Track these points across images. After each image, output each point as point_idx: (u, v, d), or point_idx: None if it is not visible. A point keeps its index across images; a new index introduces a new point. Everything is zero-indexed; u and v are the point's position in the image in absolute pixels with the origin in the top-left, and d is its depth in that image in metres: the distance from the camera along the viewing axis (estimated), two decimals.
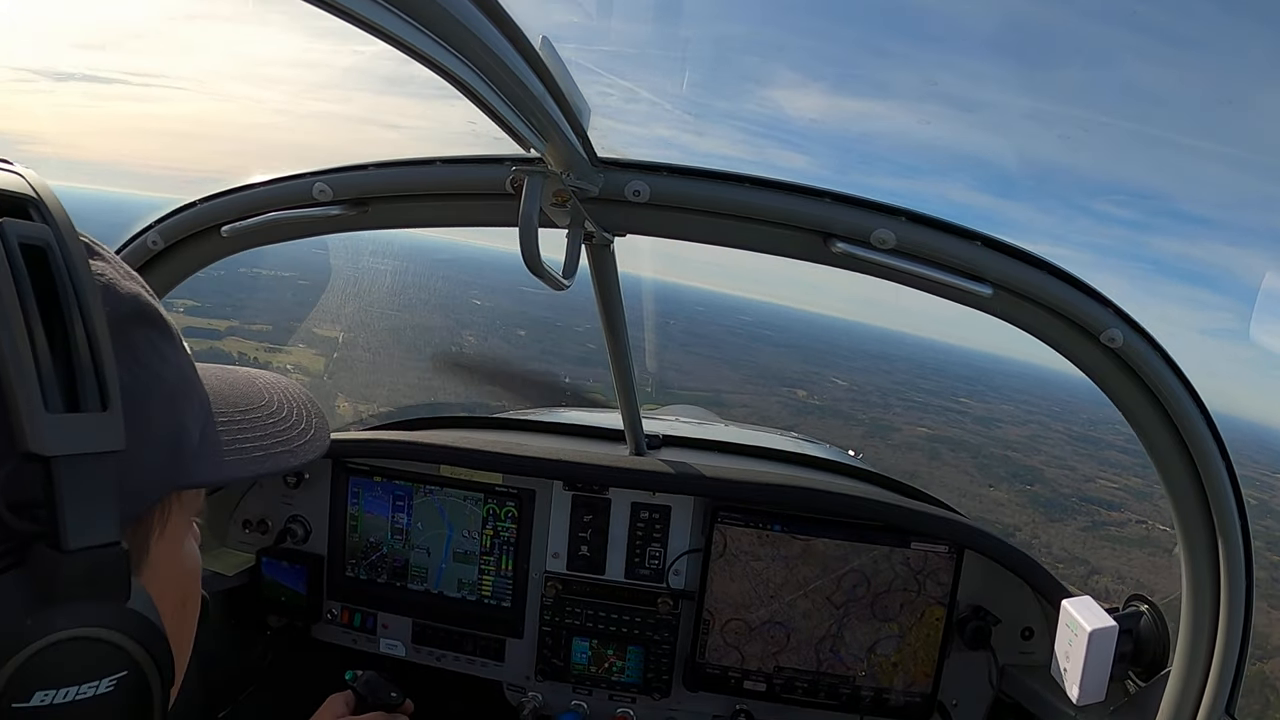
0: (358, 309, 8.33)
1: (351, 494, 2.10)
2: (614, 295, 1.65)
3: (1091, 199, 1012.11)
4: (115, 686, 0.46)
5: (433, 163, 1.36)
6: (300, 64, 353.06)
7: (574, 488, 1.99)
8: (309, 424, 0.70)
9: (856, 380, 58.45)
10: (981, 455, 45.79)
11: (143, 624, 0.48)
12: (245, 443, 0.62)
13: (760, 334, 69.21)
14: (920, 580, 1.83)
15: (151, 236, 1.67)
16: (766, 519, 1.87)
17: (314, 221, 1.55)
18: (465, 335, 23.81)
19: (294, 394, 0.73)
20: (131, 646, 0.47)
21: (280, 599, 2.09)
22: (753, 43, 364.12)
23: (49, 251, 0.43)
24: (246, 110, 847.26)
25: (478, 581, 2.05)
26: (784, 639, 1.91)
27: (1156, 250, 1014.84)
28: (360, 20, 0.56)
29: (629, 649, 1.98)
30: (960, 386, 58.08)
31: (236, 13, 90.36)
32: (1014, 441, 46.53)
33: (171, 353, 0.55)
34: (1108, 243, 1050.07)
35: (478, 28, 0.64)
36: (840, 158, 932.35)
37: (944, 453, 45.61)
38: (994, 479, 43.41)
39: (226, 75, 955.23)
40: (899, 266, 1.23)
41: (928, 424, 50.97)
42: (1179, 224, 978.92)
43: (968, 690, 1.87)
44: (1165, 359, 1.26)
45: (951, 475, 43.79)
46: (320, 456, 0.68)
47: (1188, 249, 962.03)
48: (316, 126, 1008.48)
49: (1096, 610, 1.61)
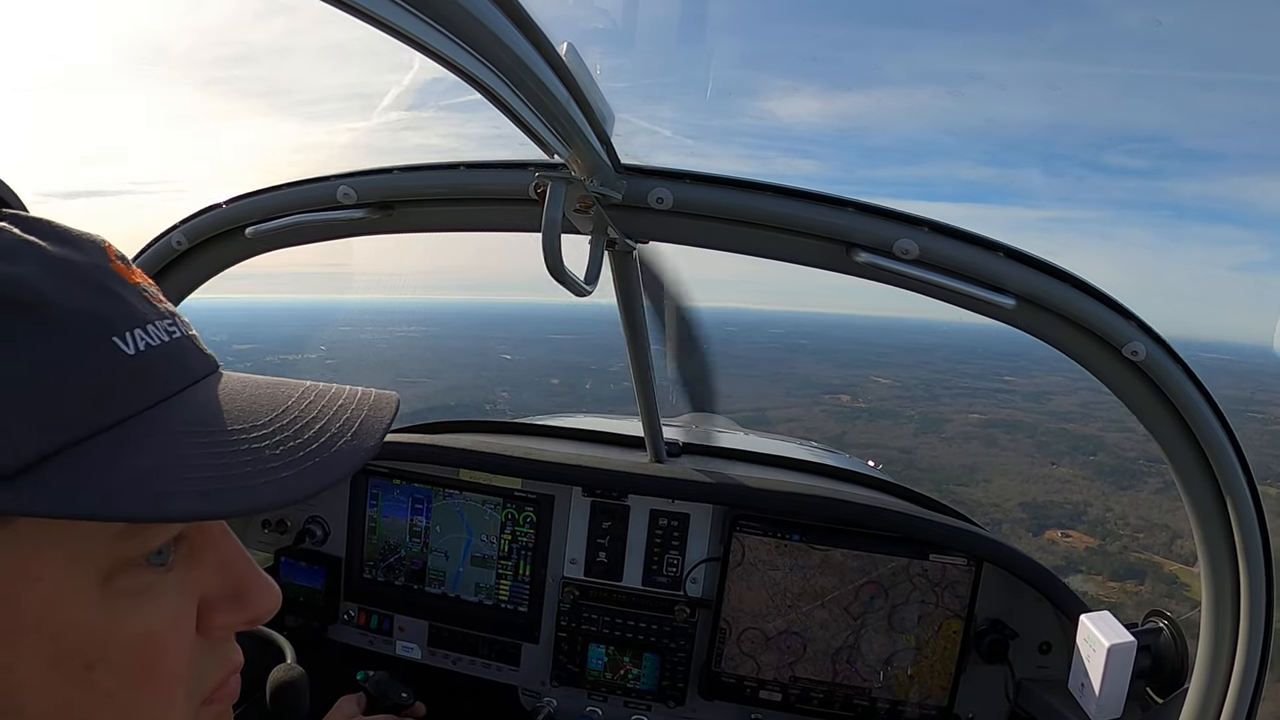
0: (392, 379, 8.38)
1: (371, 496, 2.11)
2: (636, 302, 1.67)
3: (1100, 153, 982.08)
4: None
5: (456, 167, 1.38)
6: (303, 148, 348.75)
7: (593, 494, 2.00)
8: (338, 434, 0.56)
9: (899, 376, 57.64)
10: (1038, 433, 44.95)
11: None
12: (197, 466, 0.49)
13: (795, 344, 68.65)
14: (938, 593, 1.83)
15: (176, 237, 1.69)
16: (785, 528, 1.88)
17: (338, 224, 1.56)
18: (499, 393, 23.84)
19: (361, 399, 0.61)
20: None
21: (297, 599, 2.10)
22: (738, 57, 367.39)
23: None
24: None
25: (495, 586, 2.06)
26: (800, 649, 1.91)
27: (1174, 195, 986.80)
28: (390, 27, 0.57)
29: (645, 656, 1.98)
30: (1003, 365, 56.99)
31: (223, 110, 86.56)
32: (1067, 412, 45.85)
33: (29, 343, 0.45)
34: (1124, 195, 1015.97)
35: (504, 34, 0.65)
36: (844, 155, 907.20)
37: (1000, 437, 44.91)
38: (1055, 455, 42.52)
39: (239, 167, 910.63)
40: (921, 277, 1.23)
41: (978, 410, 50.05)
42: (1191, 163, 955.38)
43: (984, 704, 1.87)
44: (1186, 372, 1.27)
45: (1012, 460, 42.96)
46: (335, 481, 0.53)
47: (1204, 187, 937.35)
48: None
49: (1115, 625, 1.61)
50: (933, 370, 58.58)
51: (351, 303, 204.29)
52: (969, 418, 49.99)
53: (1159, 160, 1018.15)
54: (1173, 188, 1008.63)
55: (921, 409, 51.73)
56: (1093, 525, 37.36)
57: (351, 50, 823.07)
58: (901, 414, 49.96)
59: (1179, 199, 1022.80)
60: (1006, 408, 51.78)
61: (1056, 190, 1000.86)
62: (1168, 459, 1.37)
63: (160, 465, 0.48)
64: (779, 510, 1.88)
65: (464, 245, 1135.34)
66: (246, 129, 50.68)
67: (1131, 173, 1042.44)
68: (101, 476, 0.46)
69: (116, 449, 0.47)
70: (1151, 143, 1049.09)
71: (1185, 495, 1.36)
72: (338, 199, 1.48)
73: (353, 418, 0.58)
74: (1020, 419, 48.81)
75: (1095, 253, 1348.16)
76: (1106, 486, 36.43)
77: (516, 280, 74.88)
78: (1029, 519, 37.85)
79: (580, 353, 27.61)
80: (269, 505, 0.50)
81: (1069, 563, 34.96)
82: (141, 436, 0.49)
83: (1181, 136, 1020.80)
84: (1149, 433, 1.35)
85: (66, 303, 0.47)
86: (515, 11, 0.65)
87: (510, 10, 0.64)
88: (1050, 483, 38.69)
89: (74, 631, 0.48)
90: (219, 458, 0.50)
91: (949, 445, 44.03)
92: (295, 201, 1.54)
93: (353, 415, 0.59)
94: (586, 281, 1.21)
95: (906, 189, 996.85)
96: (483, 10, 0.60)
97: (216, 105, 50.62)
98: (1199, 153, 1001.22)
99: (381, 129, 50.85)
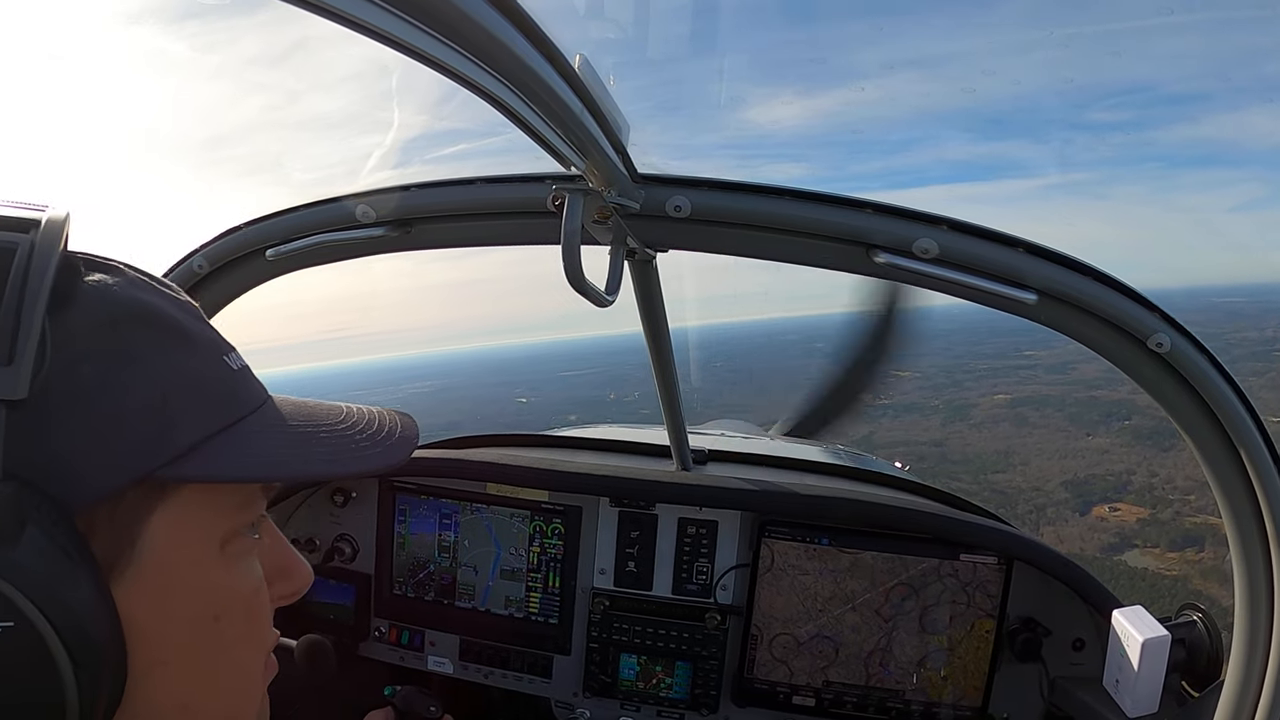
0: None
1: (399, 512, 2.12)
2: (658, 311, 1.68)
3: (1083, 112, 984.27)
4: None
5: (474, 182, 1.39)
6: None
7: (620, 504, 2.01)
8: (373, 440, 0.70)
9: (918, 367, 56.97)
10: (1067, 405, 43.86)
11: (29, 575, 0.48)
12: (276, 448, 0.64)
13: (811, 348, 68.17)
14: (969, 592, 1.84)
15: (197, 261, 1.71)
16: (814, 533, 1.89)
17: (358, 243, 1.57)
18: None
19: (390, 415, 0.75)
20: (14, 595, 0.47)
21: (328, 617, 2.11)
22: (713, 72, 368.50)
23: (14, 255, 0.51)
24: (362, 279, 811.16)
25: (525, 598, 2.07)
26: (833, 653, 1.91)
27: (1162, 144, 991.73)
28: (404, 46, 0.58)
29: (677, 665, 1.99)
30: (1021, 340, 56.13)
31: (210, 195, 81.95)
32: (1093, 380, 45.10)
33: (178, 355, 0.59)
34: (1113, 152, 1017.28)
35: (518, 49, 0.65)
36: (831, 154, 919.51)
37: (1030, 415, 43.88)
38: (1089, 426, 41.42)
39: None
40: (942, 276, 1.23)
41: (1003, 390, 49.05)
42: (1175, 109, 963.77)
43: (1019, 703, 1.87)
44: (1213, 361, 1.27)
45: (1046, 437, 41.89)
46: (369, 471, 0.71)
47: (1191, 132, 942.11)
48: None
49: (1148, 620, 1.61)
50: (951, 356, 57.64)
51: (360, 365, 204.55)
52: (995, 399, 49.08)
53: (1143, 110, 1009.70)
54: (1160, 137, 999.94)
55: (946, 397, 50.81)
56: (1140, 494, 36.10)
57: (331, 119, 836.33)
58: (926, 405, 49.09)
59: (1168, 147, 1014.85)
60: (1031, 384, 50.71)
61: (1046, 156, 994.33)
62: (1197, 450, 1.37)
63: (292, 442, 0.65)
64: (807, 515, 1.89)
65: (474, 292, 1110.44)
66: (239, 210, 50.11)
67: (1118, 127, 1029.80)
68: (257, 451, 0.62)
69: (254, 433, 0.63)
70: (1133, 94, 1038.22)
71: (1216, 487, 1.37)
72: (356, 218, 1.50)
73: (394, 420, 0.75)
74: (1047, 393, 47.78)
75: (1093, 214, 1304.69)
76: (1147, 451, 35.45)
77: (527, 322, 74.98)
78: (1073, 498, 36.66)
79: (595, 387, 27.38)
80: (373, 470, 0.71)
81: (1122, 538, 33.72)
82: (264, 428, 0.64)
83: (1162, 84, 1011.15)
84: (1176, 424, 1.36)
85: (193, 327, 0.61)
86: (527, 26, 0.66)
87: (522, 25, 0.65)
88: (1089, 455, 37.74)
89: (207, 588, 0.61)
90: (324, 441, 0.67)
91: (979, 432, 43.22)
92: (314, 222, 1.56)
93: (393, 419, 0.75)
94: (607, 292, 1.21)
95: (898, 178, 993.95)
96: (496, 25, 0.61)
97: (202, 190, 49.55)
98: (1182, 97, 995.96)
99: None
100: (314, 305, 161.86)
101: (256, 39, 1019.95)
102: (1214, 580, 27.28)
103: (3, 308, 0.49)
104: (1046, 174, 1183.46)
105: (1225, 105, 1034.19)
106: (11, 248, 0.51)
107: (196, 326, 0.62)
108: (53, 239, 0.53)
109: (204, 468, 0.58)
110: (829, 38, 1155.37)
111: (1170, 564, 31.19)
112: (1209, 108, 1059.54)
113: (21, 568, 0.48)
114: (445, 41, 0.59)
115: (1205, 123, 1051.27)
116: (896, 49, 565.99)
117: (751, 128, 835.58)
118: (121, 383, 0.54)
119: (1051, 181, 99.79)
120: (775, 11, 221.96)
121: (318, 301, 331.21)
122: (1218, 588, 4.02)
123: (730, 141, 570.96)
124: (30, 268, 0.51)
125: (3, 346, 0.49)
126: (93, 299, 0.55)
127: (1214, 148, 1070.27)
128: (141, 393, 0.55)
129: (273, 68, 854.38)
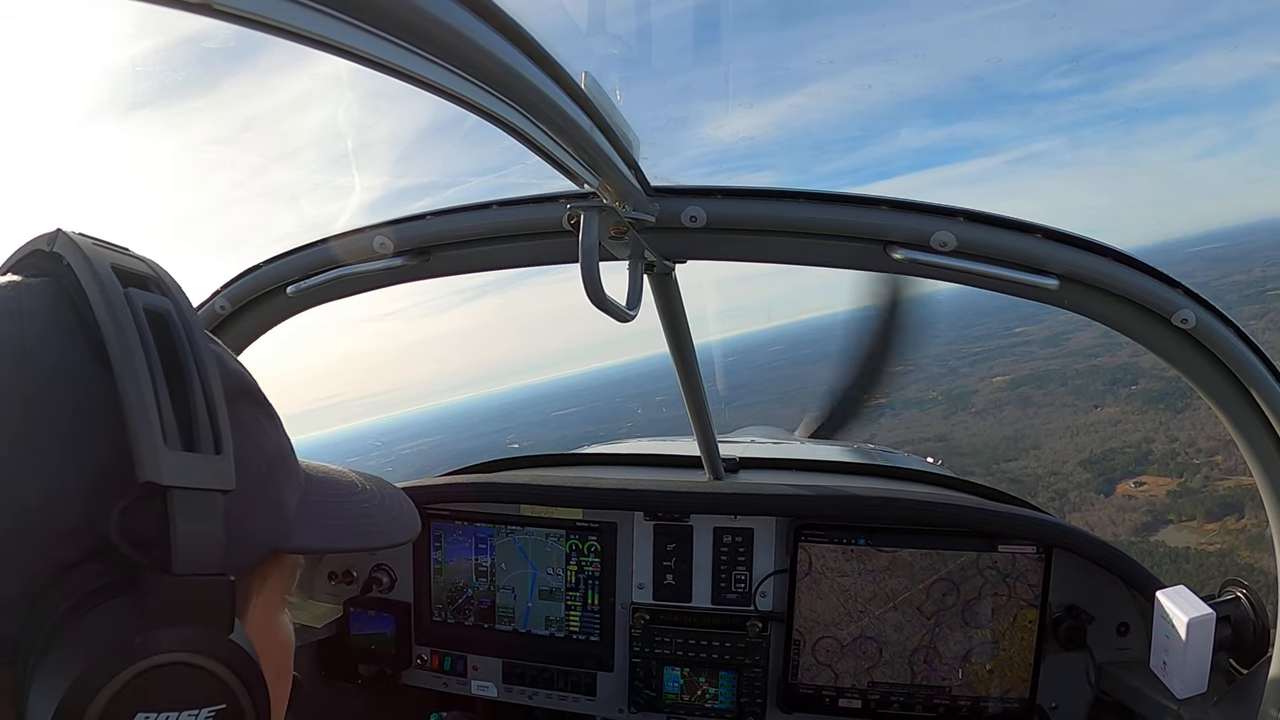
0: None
1: (434, 539, 2.14)
2: (681, 322, 1.68)
3: (1036, 83, 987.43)
4: (213, 718, 0.48)
5: (489, 206, 1.40)
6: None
7: (655, 517, 2.02)
8: (399, 509, 0.74)
9: (910, 359, 55.79)
10: (1070, 378, 42.40)
11: (243, 658, 0.49)
12: (339, 518, 0.66)
13: (799, 355, 66.61)
14: (1010, 583, 1.84)
15: (219, 302, 1.72)
16: (850, 534, 1.90)
17: (377, 275, 1.58)
18: None
19: (384, 486, 0.77)
20: (231, 679, 0.49)
21: (370, 648, 2.12)
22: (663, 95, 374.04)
23: (169, 317, 0.49)
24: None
25: (565, 618, 2.08)
26: (876, 654, 1.92)
27: (1119, 102, 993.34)
28: (409, 76, 0.58)
29: (720, 675, 1.99)
30: (1009, 317, 54.67)
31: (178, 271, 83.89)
32: (1090, 347, 43.70)
33: (271, 429, 0.60)
34: (1073, 117, 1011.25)
35: (523, 71, 0.66)
36: (796, 158, 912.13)
37: (1033, 395, 42.42)
38: (1095, 397, 39.79)
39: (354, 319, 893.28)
40: (961, 268, 1.24)
41: (1001, 371, 47.66)
42: (1127, 65, 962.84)
43: (1067, 692, 1.86)
44: (1239, 334, 1.27)
45: (1054, 415, 40.11)
46: (410, 539, 0.72)
47: (1146, 85, 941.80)
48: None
49: (1192, 599, 1.61)
50: (942, 343, 56.67)
51: (353, 430, 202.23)
52: (994, 383, 47.70)
53: (1095, 70, 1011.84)
54: (1116, 95, 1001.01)
55: (943, 387, 49.53)
56: (1163, 463, 34.45)
57: (294, 189, 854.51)
58: (925, 399, 47.89)
59: (1125, 105, 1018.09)
60: (1028, 361, 49.24)
61: (1007, 131, 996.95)
62: (1229, 423, 1.37)
63: (346, 507, 0.68)
64: (842, 516, 1.90)
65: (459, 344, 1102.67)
66: (210, 282, 50.13)
67: (1072, 91, 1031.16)
68: (333, 520, 0.65)
69: (318, 503, 0.65)
70: (1082, 58, 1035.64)
71: (1250, 458, 1.37)
72: (375, 249, 1.51)
73: (386, 488, 0.77)
74: (1046, 369, 46.29)
75: (1059, 181, 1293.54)
76: (1161, 414, 33.91)
77: (517, 365, 74.45)
78: (1094, 478, 35.18)
79: (587, 423, 26.72)
80: (404, 540, 0.72)
81: (1154, 516, 32.13)
82: (323, 496, 0.67)
83: (1110, 43, 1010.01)
84: (1208, 399, 1.36)
85: (264, 395, 0.62)
86: (531, 47, 0.67)
87: (526, 47, 0.66)
88: (1101, 429, 36.25)
89: (276, 647, 0.64)
90: (366, 515, 0.70)
91: (984, 419, 41.92)
92: (333, 256, 1.57)
93: (384, 487, 0.77)
94: (628, 307, 1.22)
95: (865, 173, 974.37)
96: (500, 49, 0.61)
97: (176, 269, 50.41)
98: (1131, 53, 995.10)
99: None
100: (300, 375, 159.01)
101: (209, 119, 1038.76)
102: (1262, 549, 26.35)
103: (190, 387, 0.48)
104: (1010, 148, 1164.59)
105: (1177, 55, 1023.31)
106: (163, 312, 0.49)
107: (265, 395, 0.62)
108: (184, 298, 0.51)
109: (308, 540, 0.61)
110: (769, 47, 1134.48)
111: (1211, 537, 29.62)
112: (1161, 59, 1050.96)
113: (236, 653, 0.49)
114: (450, 68, 0.60)
115: (1158, 75, 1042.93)
116: (838, 47, 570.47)
117: (709, 144, 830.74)
118: (247, 462, 0.54)
119: (1015, 155, 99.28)
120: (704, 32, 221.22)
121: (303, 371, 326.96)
122: (1267, 557, 3.89)
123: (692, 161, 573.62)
124: (193, 337, 0.49)
125: (206, 433, 0.48)
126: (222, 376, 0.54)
127: (1171, 98, 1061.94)
128: (259, 468, 0.56)
129: (231, 145, 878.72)
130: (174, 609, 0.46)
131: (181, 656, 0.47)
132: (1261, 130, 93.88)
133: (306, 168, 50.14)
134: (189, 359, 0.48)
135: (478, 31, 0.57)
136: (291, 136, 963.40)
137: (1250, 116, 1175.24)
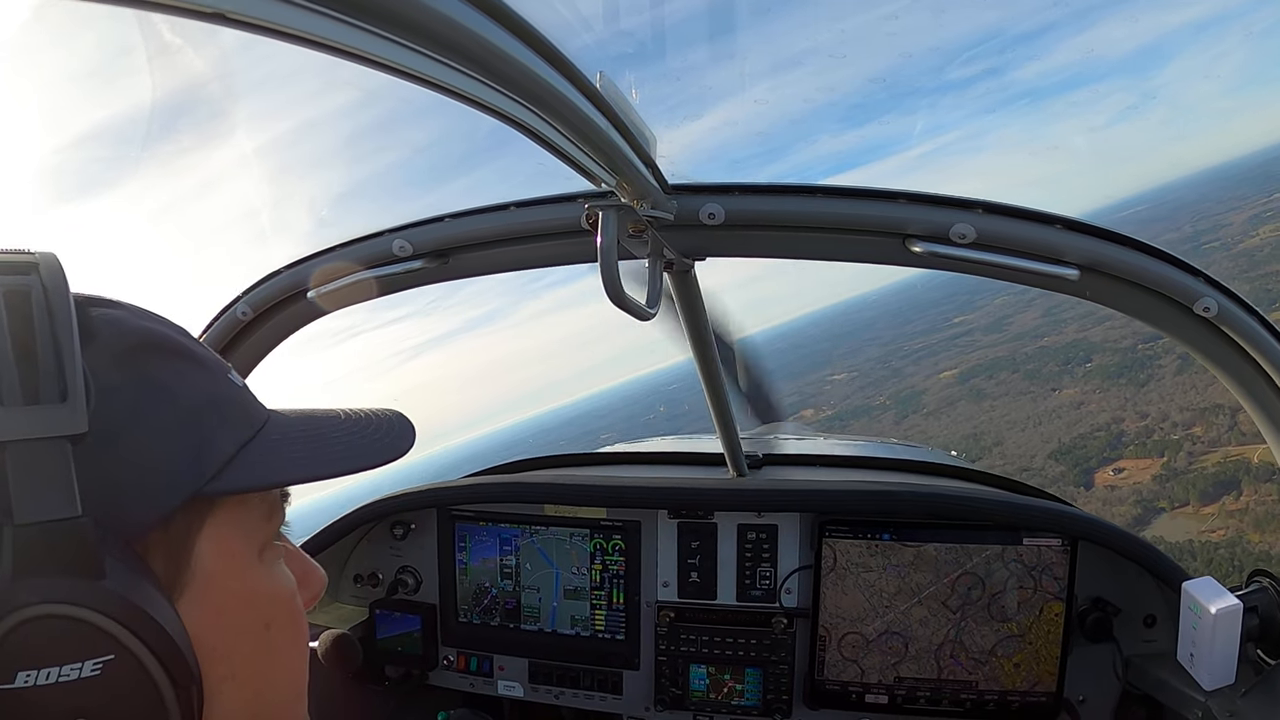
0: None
1: (459, 540, 2.15)
2: (701, 320, 1.69)
3: (940, 74, 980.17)
4: (101, 671, 0.48)
5: (507, 207, 1.41)
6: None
7: (679, 515, 2.03)
8: (383, 432, 0.73)
9: (852, 365, 54.03)
10: (1020, 363, 41.27)
11: (124, 606, 0.49)
12: (297, 452, 0.66)
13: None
14: (1035, 576, 1.84)
15: (240, 308, 1.74)
16: (874, 529, 1.90)
17: (396, 278, 1.60)
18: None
19: (383, 414, 0.77)
20: (113, 628, 0.48)
21: (396, 649, 2.13)
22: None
23: (30, 294, 0.51)
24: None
25: (590, 617, 2.09)
26: (902, 649, 1.92)
27: (1023, 82, 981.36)
28: (427, 80, 0.60)
29: (747, 671, 1.99)
30: (946, 309, 53.28)
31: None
32: (1035, 328, 42.40)
33: (198, 377, 0.60)
34: (981, 102, 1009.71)
35: (539, 72, 0.67)
36: (709, 174, 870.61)
37: (985, 386, 41.31)
38: (1051, 379, 38.61)
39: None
40: (981, 259, 1.24)
41: (946, 365, 46.57)
42: (1024, 45, 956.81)
43: (1094, 685, 1.86)
44: (1262, 321, 1.27)
45: (1011, 405, 38.79)
46: (385, 462, 0.72)
47: (1046, 62, 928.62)
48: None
49: (1219, 590, 1.61)
50: (881, 344, 55.21)
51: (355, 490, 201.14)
52: (941, 378, 46.54)
53: (996, 55, 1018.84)
54: (1019, 76, 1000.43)
55: (890, 390, 48.24)
56: (1140, 444, 32.63)
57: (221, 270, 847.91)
58: (873, 405, 46.65)
59: (1029, 84, 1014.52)
60: (973, 350, 48.01)
61: (922, 126, 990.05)
62: (1254, 410, 1.37)
63: (309, 446, 0.67)
64: (866, 511, 1.91)
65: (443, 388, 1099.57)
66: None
67: (977, 79, 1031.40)
68: (283, 457, 0.64)
69: (274, 442, 0.65)
70: (982, 44, 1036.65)
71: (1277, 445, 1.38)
72: (394, 253, 1.53)
73: (385, 416, 0.76)
74: (994, 356, 45.05)
75: (972, 168, 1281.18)
76: (1124, 389, 32.82)
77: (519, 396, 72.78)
78: (1069, 470, 33.27)
79: (590, 446, 26.02)
80: (381, 462, 0.71)
81: (1144, 506, 30.41)
82: (281, 436, 0.66)
83: (1007, 25, 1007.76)
84: (1231, 386, 1.37)
85: (197, 349, 0.63)
86: (545, 49, 0.68)
87: (541, 48, 0.67)
88: (1064, 414, 35.07)
89: (256, 598, 0.63)
90: (337, 441, 0.69)
91: (938, 420, 40.88)
92: (353, 260, 1.59)
93: (384, 415, 0.76)
94: (649, 305, 1.22)
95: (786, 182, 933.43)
96: (515, 51, 0.62)
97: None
98: (1030, 34, 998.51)
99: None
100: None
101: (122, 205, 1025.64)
102: (1272, 528, 24.75)
103: (40, 347, 0.50)
104: (925, 140, 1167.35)
105: (1073, 29, 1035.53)
106: (25, 289, 0.51)
107: (200, 348, 0.64)
108: (58, 278, 0.53)
109: (242, 479, 0.60)
110: (657, 75, 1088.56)
111: (1211, 522, 27.95)
112: (1059, 35, 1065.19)
113: (112, 600, 0.49)
114: (467, 72, 0.61)
115: (1059, 50, 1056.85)
116: (746, 63, 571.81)
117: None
118: (154, 409, 0.56)
119: (930, 146, 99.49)
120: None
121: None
122: (1276, 536, 3.69)
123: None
124: (51, 306, 0.51)
125: (51, 385, 0.49)
126: (108, 332, 0.56)
127: (1074, 70, 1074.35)
128: (174, 416, 0.57)
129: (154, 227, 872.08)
130: (27, 559, 0.47)
131: (46, 609, 0.47)
132: (1164, 89, 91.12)
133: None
134: (44, 326, 0.50)
135: (493, 34, 0.59)
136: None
137: (1151, 78, 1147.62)
